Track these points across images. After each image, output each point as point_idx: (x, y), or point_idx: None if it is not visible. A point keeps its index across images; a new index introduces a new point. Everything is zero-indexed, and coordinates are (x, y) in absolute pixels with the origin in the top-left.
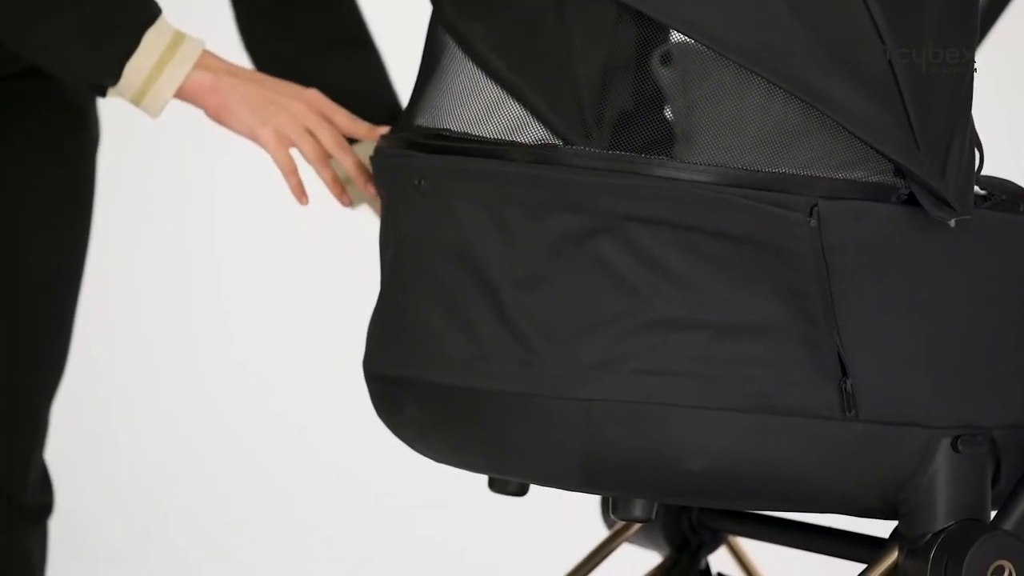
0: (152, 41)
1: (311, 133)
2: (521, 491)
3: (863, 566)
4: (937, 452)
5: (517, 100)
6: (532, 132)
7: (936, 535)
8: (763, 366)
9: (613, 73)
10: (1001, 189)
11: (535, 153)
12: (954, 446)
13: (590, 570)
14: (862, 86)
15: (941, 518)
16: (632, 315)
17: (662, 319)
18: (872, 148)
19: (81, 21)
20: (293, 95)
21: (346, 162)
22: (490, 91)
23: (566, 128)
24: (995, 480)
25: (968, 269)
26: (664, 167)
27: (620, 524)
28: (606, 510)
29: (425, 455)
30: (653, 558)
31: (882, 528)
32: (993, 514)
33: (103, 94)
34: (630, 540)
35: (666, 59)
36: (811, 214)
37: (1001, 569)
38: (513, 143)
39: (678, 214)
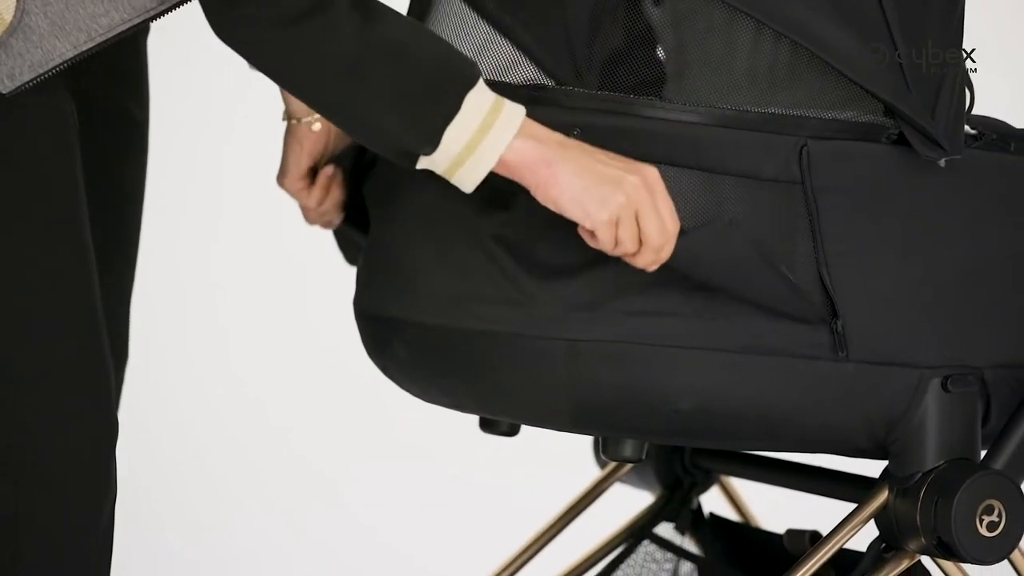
0: (474, 104)
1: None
2: (512, 431)
3: (854, 505)
4: (927, 392)
5: (507, 39)
6: (522, 72)
7: (926, 474)
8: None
9: (604, 12)
10: (991, 128)
11: (525, 93)
12: (944, 386)
13: (583, 509)
14: (851, 25)
15: (931, 458)
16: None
17: None
18: (862, 88)
19: (397, 85)
20: (630, 171)
21: (652, 262)
22: (480, 31)
23: (556, 68)
24: (985, 420)
25: (958, 209)
26: (653, 107)
27: (612, 464)
28: (598, 450)
29: (416, 396)
30: (646, 498)
31: (873, 468)
32: (983, 454)
33: (411, 165)
34: (623, 480)
35: None
36: (800, 154)
37: (991, 508)
38: (502, 83)
39: (667, 154)
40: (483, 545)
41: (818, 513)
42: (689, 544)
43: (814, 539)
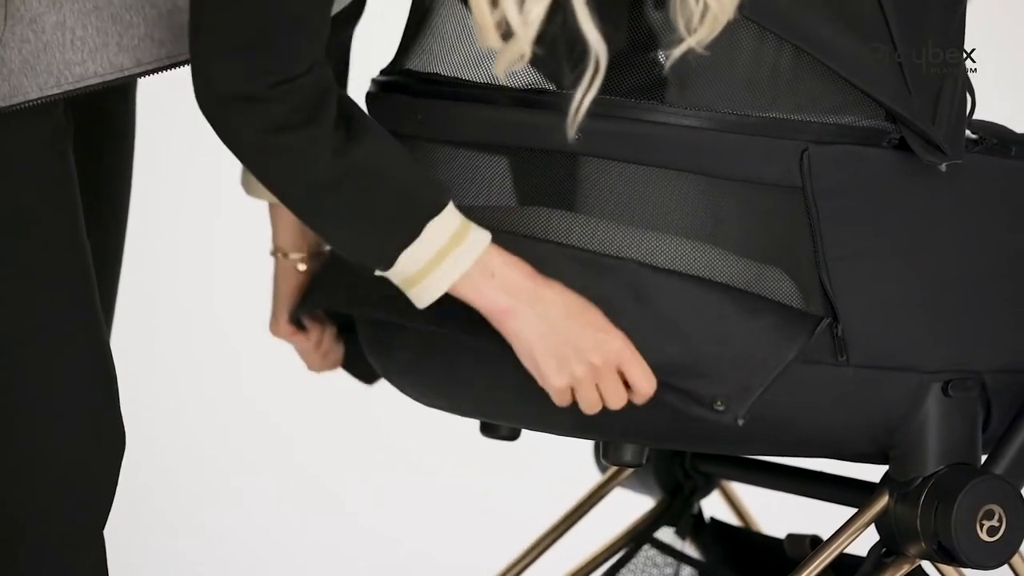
0: (434, 232)
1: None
2: (512, 436)
3: (854, 510)
4: (928, 396)
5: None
6: (523, 76)
7: (926, 479)
8: None
9: (606, 16)
10: (992, 133)
11: (526, 98)
12: (945, 390)
13: (583, 514)
14: (851, 27)
15: (932, 462)
16: None
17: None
18: (863, 92)
19: (363, 207)
20: (597, 343)
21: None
22: None
23: (558, 72)
24: (986, 424)
25: (959, 213)
26: (654, 112)
27: (613, 469)
28: (599, 455)
29: (416, 399)
30: (646, 502)
31: (873, 473)
32: (984, 458)
33: (370, 272)
34: (623, 485)
35: (660, 2)
36: (801, 159)
37: (991, 513)
38: (503, 88)
39: (668, 158)
40: (483, 550)
41: (818, 518)
42: (690, 549)
43: (815, 543)
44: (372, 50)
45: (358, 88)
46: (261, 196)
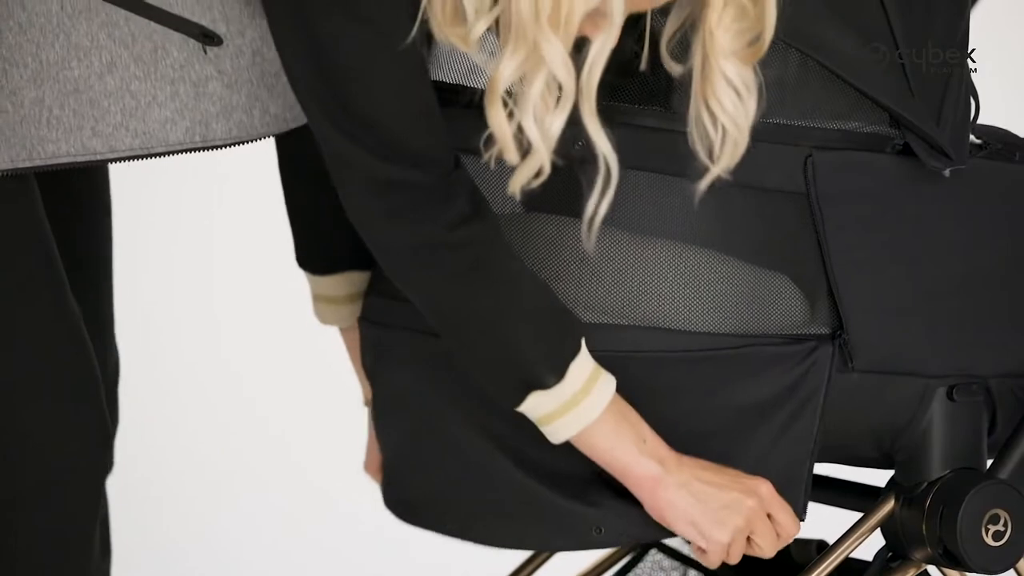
0: (586, 352)
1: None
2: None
3: (860, 515)
4: (933, 401)
5: None
6: None
7: (932, 484)
8: None
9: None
10: (997, 137)
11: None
12: (950, 395)
13: None
14: (855, 32)
15: (937, 467)
16: None
17: None
18: (866, 96)
19: (541, 300)
20: (746, 491)
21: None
22: (485, 42)
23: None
24: (991, 429)
25: (963, 218)
26: (658, 118)
27: None
28: None
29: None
30: None
31: (879, 477)
32: (989, 463)
33: (516, 403)
34: None
35: (664, 10)
36: (805, 165)
37: (996, 517)
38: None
39: (672, 164)
40: (489, 552)
41: (825, 522)
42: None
43: (820, 548)
44: None
45: None
46: (335, 323)
